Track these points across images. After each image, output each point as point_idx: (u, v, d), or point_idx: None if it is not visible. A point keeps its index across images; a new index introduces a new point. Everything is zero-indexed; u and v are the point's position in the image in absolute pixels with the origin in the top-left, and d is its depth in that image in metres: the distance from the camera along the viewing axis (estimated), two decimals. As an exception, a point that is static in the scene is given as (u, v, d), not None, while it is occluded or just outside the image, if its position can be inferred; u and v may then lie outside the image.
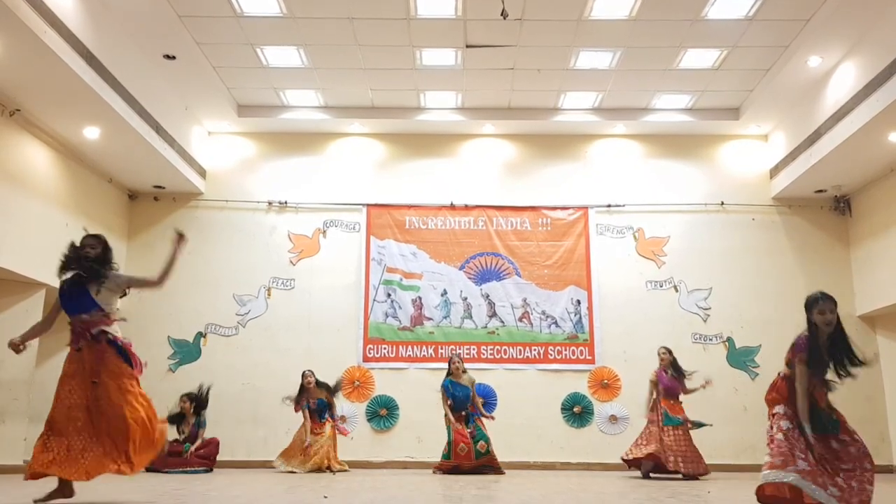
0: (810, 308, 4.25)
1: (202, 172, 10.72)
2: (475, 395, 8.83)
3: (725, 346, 10.26)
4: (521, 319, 10.40)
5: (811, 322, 4.24)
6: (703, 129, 10.74)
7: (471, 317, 10.41)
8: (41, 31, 6.62)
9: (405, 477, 7.89)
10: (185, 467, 8.54)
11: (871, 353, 4.17)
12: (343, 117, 10.59)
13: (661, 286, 10.51)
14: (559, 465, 9.83)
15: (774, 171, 10.64)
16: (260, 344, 10.25)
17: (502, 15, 7.47)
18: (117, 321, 4.82)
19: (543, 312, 10.40)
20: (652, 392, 8.55)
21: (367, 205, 10.76)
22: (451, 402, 8.67)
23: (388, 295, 10.45)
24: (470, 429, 8.56)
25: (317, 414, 8.99)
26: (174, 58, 8.89)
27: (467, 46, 8.88)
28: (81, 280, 4.75)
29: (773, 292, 10.25)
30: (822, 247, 10.43)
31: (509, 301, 10.45)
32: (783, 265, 10.47)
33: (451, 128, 10.81)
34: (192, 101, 10.06)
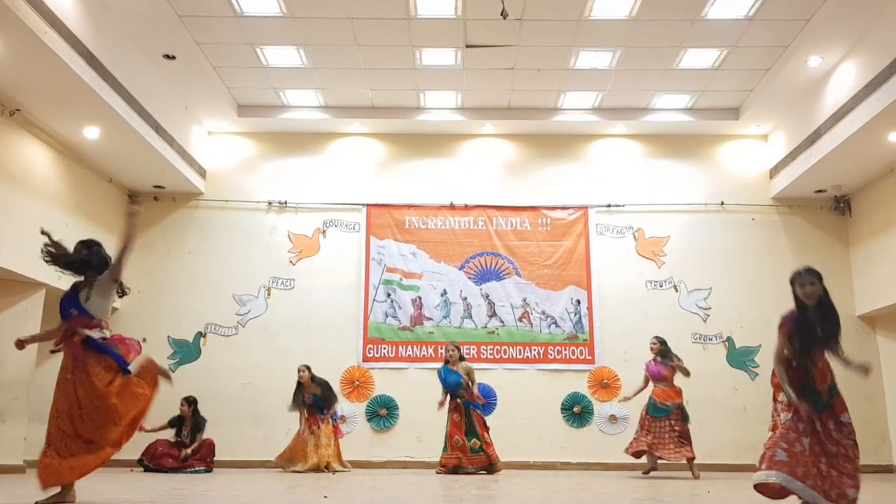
0: (793, 283, 4.42)
1: (202, 172, 10.73)
2: (468, 382, 8.60)
3: (725, 346, 10.27)
4: (520, 319, 10.40)
5: (796, 296, 4.38)
6: (703, 129, 10.75)
7: (471, 317, 10.41)
8: (41, 31, 6.62)
9: (405, 477, 7.89)
10: (185, 468, 8.56)
11: (868, 359, 4.22)
12: (343, 117, 10.59)
13: (661, 286, 10.51)
14: (559, 465, 9.84)
15: (774, 171, 10.64)
16: (260, 344, 10.25)
17: (502, 15, 7.47)
18: (107, 328, 4.76)
19: (543, 312, 10.41)
20: (645, 383, 8.69)
21: (367, 205, 10.76)
22: (443, 388, 8.66)
23: (388, 295, 10.45)
24: (466, 421, 8.53)
25: (316, 409, 8.94)
26: (174, 58, 8.89)
27: (467, 46, 8.88)
28: (77, 287, 4.79)
29: (773, 292, 10.22)
30: (821, 247, 10.43)
31: (509, 301, 10.45)
32: (783, 265, 10.39)
33: (451, 128, 10.81)
34: (191, 100, 10.07)
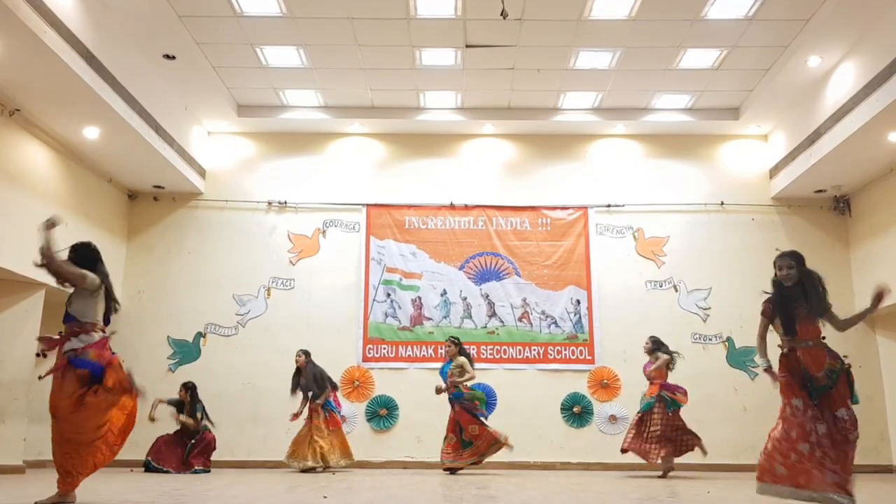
0: (774, 265, 4.74)
1: (202, 172, 10.72)
2: (452, 372, 8.52)
3: (725, 346, 10.27)
4: (520, 319, 10.40)
5: (774, 276, 4.67)
6: (703, 129, 10.75)
7: (470, 317, 10.41)
8: (41, 31, 6.62)
9: (405, 477, 7.89)
10: (186, 469, 8.56)
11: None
12: (343, 117, 10.59)
13: (661, 286, 10.51)
14: (559, 465, 9.83)
15: (774, 171, 10.64)
16: (260, 344, 10.25)
17: (502, 15, 7.47)
18: (95, 331, 4.72)
19: (543, 312, 10.41)
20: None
21: (367, 205, 10.76)
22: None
23: (388, 295, 10.45)
24: (454, 416, 8.52)
25: (312, 396, 8.84)
26: (174, 58, 8.89)
27: (467, 46, 8.88)
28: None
29: (773, 292, 10.24)
30: (821, 247, 10.42)
31: (509, 301, 10.45)
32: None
33: (450, 128, 10.81)
34: (191, 100, 10.07)
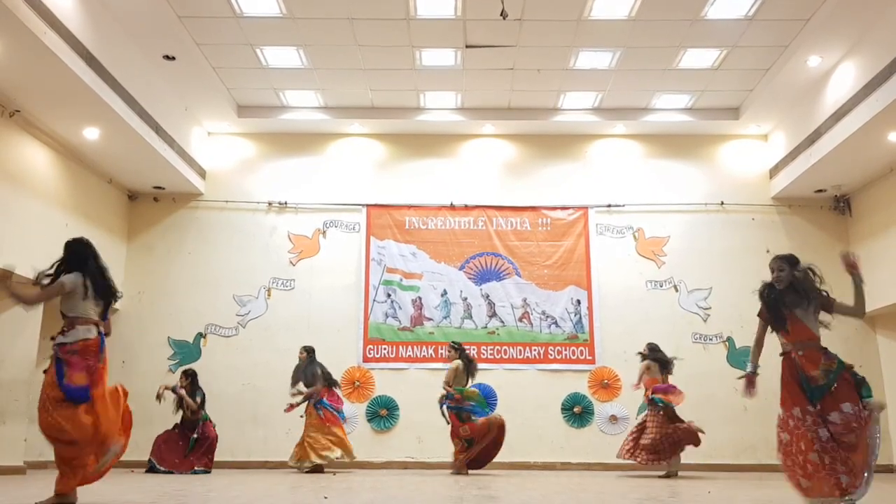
0: (770, 267, 4.81)
1: (202, 173, 10.73)
2: (447, 378, 8.63)
3: (725, 345, 10.27)
4: (521, 319, 10.40)
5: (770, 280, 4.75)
6: (703, 128, 10.75)
7: (471, 317, 10.41)
8: (41, 31, 6.62)
9: (405, 477, 7.89)
10: (186, 469, 8.57)
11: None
12: (343, 117, 10.59)
13: (661, 286, 10.51)
14: (559, 465, 9.83)
15: (774, 171, 10.64)
16: (260, 344, 10.26)
17: (502, 15, 7.47)
18: (83, 325, 4.71)
19: (543, 312, 10.40)
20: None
21: (367, 205, 10.76)
22: None
23: (388, 295, 10.45)
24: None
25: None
26: (174, 58, 8.90)
27: (467, 46, 8.88)
28: None
29: (773, 292, 10.24)
30: (822, 247, 10.41)
31: (509, 301, 10.45)
32: (783, 265, 10.46)
33: (450, 128, 10.82)
34: (191, 101, 10.07)
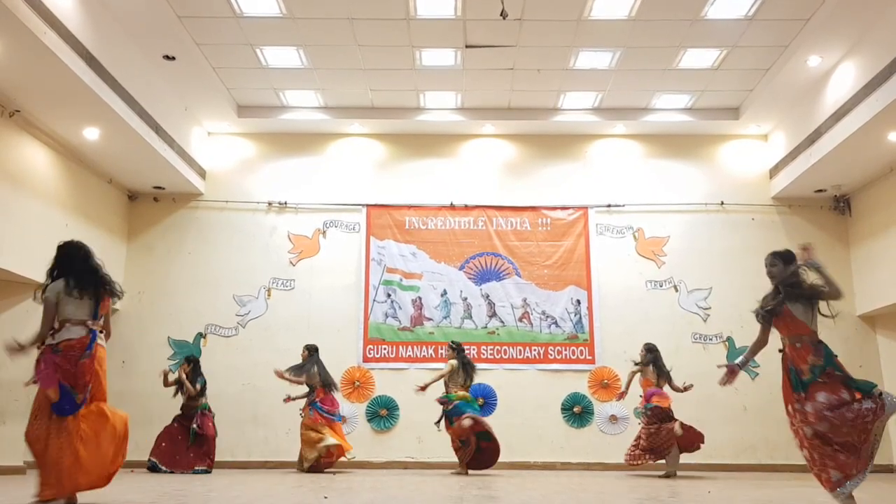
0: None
1: (202, 173, 10.72)
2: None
3: (725, 345, 10.26)
4: (521, 319, 10.40)
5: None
6: (703, 128, 10.75)
7: (471, 317, 10.41)
8: (41, 31, 6.62)
9: (406, 477, 7.89)
10: (186, 469, 8.57)
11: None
12: (343, 117, 10.59)
13: (661, 286, 10.51)
14: (559, 465, 9.83)
15: (774, 171, 10.64)
16: (260, 344, 10.25)
17: (502, 15, 7.47)
18: (73, 326, 4.77)
19: (543, 312, 10.40)
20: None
21: (367, 205, 10.76)
22: None
23: (388, 295, 10.45)
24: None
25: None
26: (174, 58, 8.89)
27: (467, 46, 8.88)
28: None
29: (773, 292, 10.24)
30: (821, 247, 10.34)
31: (509, 301, 10.45)
32: (783, 265, 10.45)
33: (450, 128, 10.81)
34: (191, 101, 10.07)
